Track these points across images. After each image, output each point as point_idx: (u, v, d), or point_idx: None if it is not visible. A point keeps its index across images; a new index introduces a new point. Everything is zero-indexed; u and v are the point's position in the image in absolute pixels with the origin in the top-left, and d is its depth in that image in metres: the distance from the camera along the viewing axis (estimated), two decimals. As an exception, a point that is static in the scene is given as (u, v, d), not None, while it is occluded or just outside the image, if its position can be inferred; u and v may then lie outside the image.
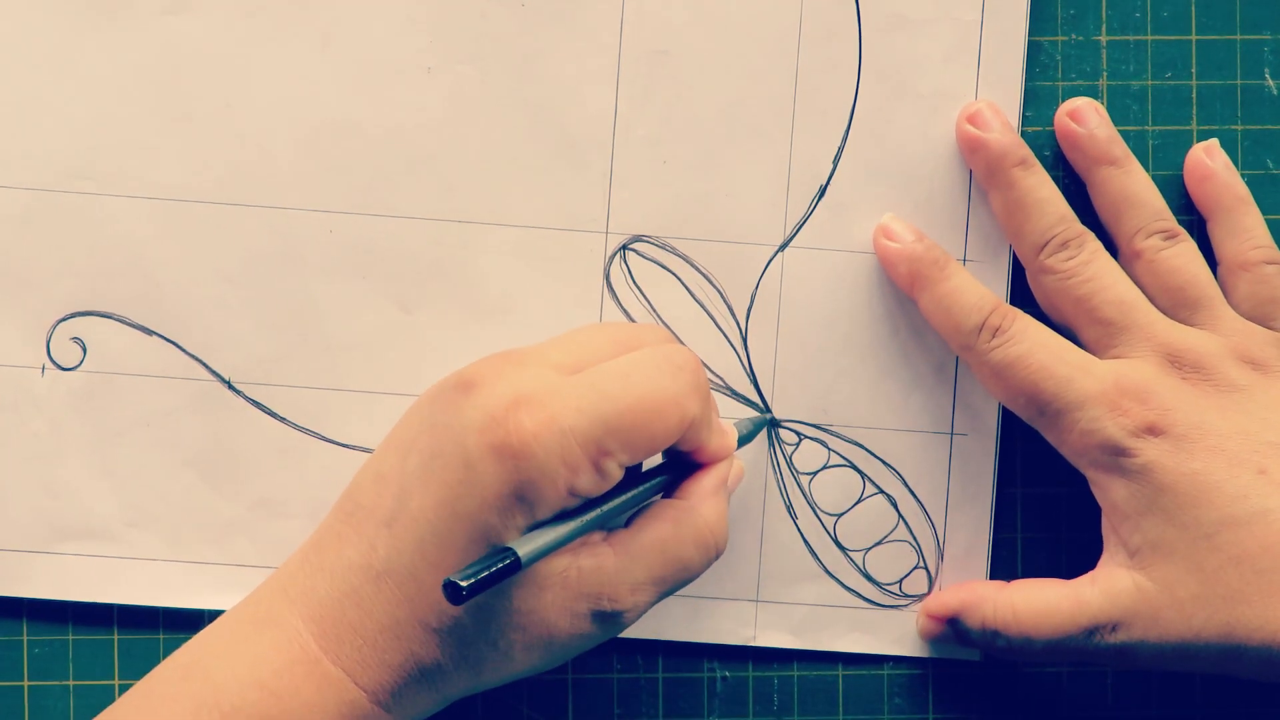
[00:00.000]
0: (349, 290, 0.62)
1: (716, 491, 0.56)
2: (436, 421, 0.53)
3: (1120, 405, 0.58)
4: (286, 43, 0.62)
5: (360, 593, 0.53)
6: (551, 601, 0.53)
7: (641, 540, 0.55)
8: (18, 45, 0.61)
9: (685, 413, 0.54)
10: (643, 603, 0.54)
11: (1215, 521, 0.57)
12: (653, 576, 0.54)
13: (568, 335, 0.56)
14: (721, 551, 0.56)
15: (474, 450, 0.52)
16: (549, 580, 0.53)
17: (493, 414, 0.52)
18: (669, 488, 0.57)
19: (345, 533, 0.54)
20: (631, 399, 0.53)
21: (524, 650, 0.54)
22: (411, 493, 0.53)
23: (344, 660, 0.53)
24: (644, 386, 0.53)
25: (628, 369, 0.54)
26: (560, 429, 0.51)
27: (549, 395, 0.52)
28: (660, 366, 0.54)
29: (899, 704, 0.63)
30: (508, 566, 0.50)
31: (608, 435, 0.52)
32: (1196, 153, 0.62)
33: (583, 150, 0.62)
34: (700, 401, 0.55)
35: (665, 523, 0.55)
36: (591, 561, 0.54)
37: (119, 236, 0.62)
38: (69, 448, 0.62)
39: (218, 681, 0.53)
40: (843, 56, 0.62)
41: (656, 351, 0.55)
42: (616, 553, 0.54)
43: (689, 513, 0.56)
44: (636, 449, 0.53)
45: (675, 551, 0.55)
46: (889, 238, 0.61)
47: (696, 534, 0.55)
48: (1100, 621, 0.58)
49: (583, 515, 0.53)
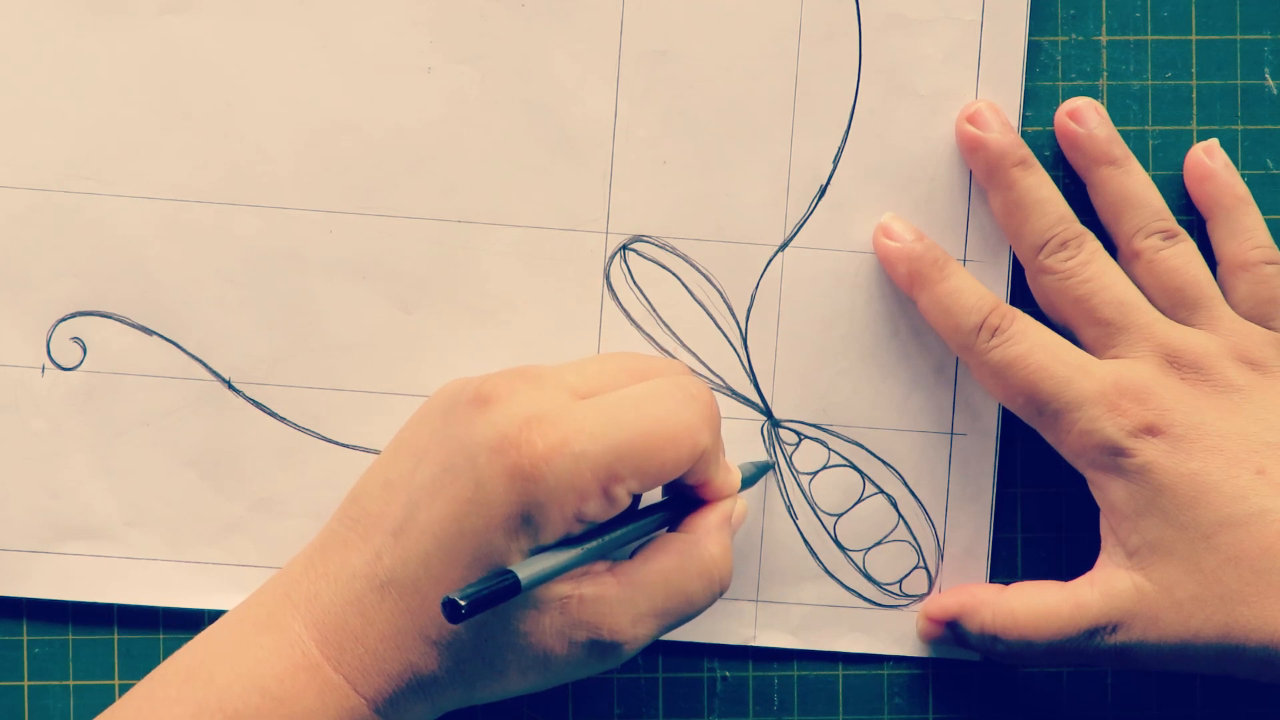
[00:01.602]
0: (349, 290, 0.62)
1: (721, 527, 0.56)
2: (449, 434, 0.53)
3: (1119, 405, 0.58)
4: (286, 43, 0.62)
5: (364, 601, 0.53)
6: (550, 626, 0.53)
7: (646, 572, 0.55)
8: (18, 45, 0.61)
9: (697, 443, 0.54)
10: (643, 635, 0.54)
11: (1213, 522, 0.57)
12: (655, 609, 0.54)
13: (584, 361, 0.56)
14: (726, 587, 0.56)
15: (485, 469, 0.52)
16: (549, 605, 0.53)
17: (506, 433, 0.52)
18: (672, 522, 0.57)
19: (351, 539, 0.54)
20: (644, 426, 0.53)
21: (519, 671, 0.54)
22: (420, 504, 0.53)
23: (345, 667, 0.53)
24: (657, 415, 0.53)
25: (642, 396, 0.54)
26: (572, 453, 0.51)
27: (562, 418, 0.52)
28: (674, 396, 0.54)
29: (899, 704, 0.63)
30: (507, 589, 0.50)
31: (619, 461, 0.52)
32: (1196, 153, 0.62)
33: (583, 150, 0.62)
34: (712, 434, 0.55)
35: (671, 555, 0.55)
36: (594, 590, 0.54)
37: (119, 236, 0.62)
38: (69, 447, 0.62)
39: (220, 685, 0.53)
40: (842, 56, 0.62)
41: (671, 381, 0.55)
42: (620, 583, 0.54)
43: (695, 546, 0.56)
44: (647, 476, 0.53)
45: (679, 585, 0.55)
46: (889, 237, 0.61)
47: (702, 568, 0.55)
48: (1100, 623, 0.58)
49: (586, 543, 0.53)
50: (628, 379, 0.55)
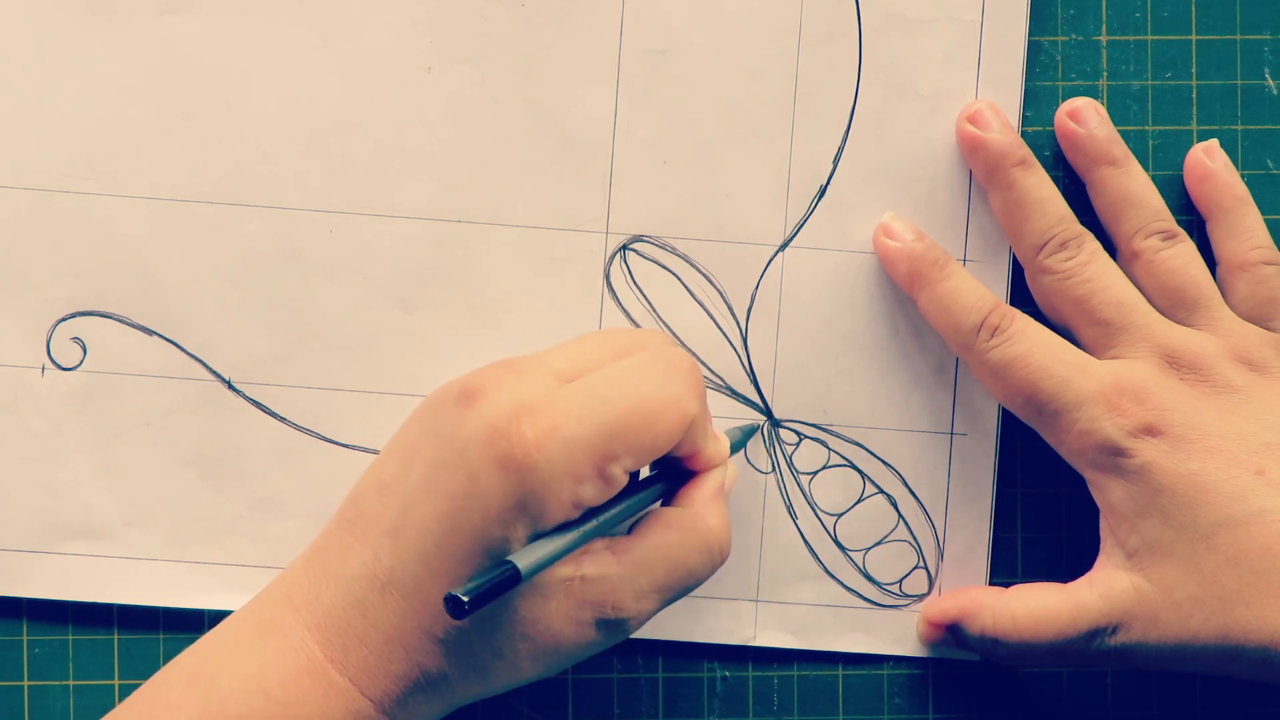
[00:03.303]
0: (349, 290, 0.62)
1: (716, 497, 0.56)
2: (439, 431, 0.53)
3: (1118, 405, 0.58)
4: (286, 43, 0.62)
5: (366, 603, 0.53)
6: (556, 610, 0.53)
7: (646, 547, 0.55)
8: (18, 45, 0.61)
9: (686, 413, 0.54)
10: (647, 610, 0.55)
11: (1213, 522, 0.57)
12: (657, 584, 0.55)
13: (567, 343, 0.56)
14: (726, 556, 0.56)
15: (476, 462, 0.52)
16: (553, 589, 0.53)
17: (494, 425, 0.52)
18: (665, 496, 0.57)
19: (349, 541, 0.54)
20: (631, 402, 0.53)
21: (530, 659, 0.54)
22: (415, 503, 0.53)
23: (350, 670, 0.53)
24: (643, 389, 0.53)
25: (625, 373, 0.54)
26: (563, 438, 0.52)
27: (549, 404, 0.52)
28: (657, 369, 0.54)
29: (899, 704, 0.63)
30: (508, 579, 0.50)
31: (611, 440, 0.52)
32: (1196, 153, 0.62)
33: (583, 150, 0.62)
34: (699, 402, 0.55)
35: (670, 530, 0.55)
36: (595, 570, 0.54)
37: (119, 236, 0.62)
38: (69, 447, 0.62)
39: (223, 689, 0.53)
40: (842, 56, 0.62)
41: (653, 355, 0.55)
42: (620, 561, 0.54)
43: (693, 519, 0.56)
44: (640, 452, 0.53)
45: (680, 558, 0.55)
46: (889, 236, 0.61)
47: (701, 540, 0.55)
48: (1100, 625, 0.58)
49: (583, 525, 0.53)
50: (612, 355, 0.55)
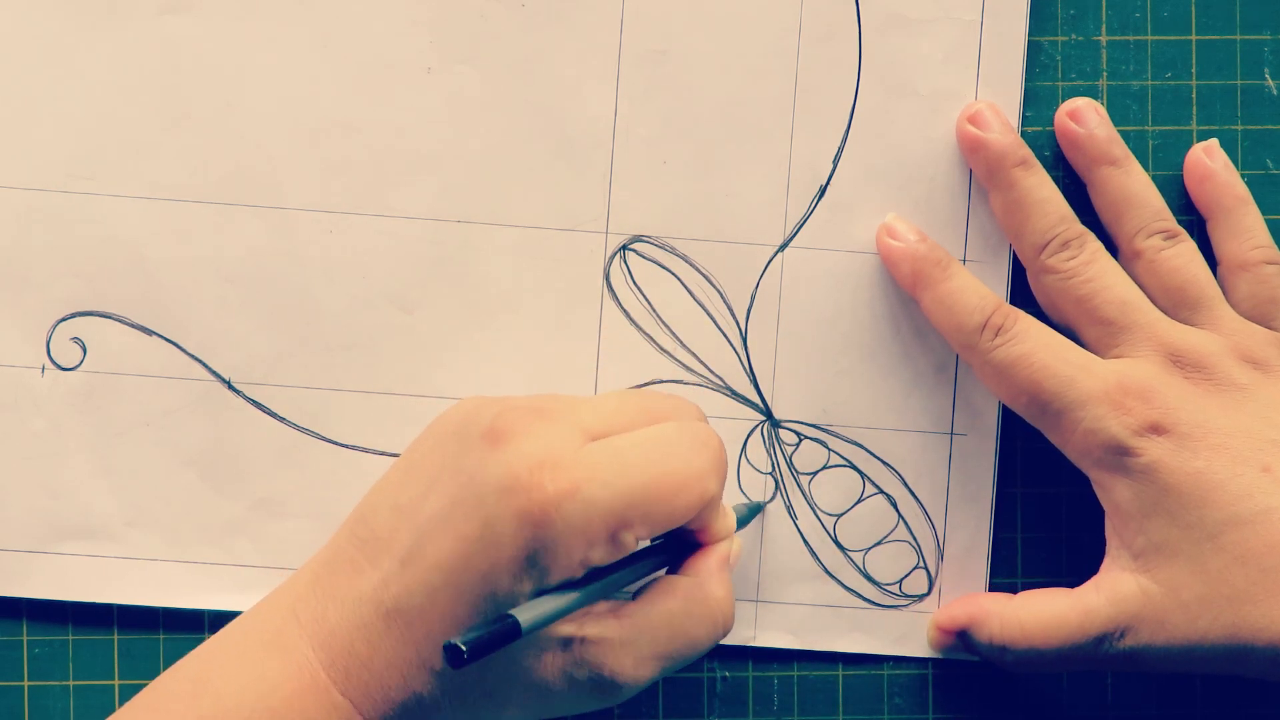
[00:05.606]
0: (349, 290, 0.62)
1: (722, 569, 0.57)
2: (460, 466, 0.53)
3: (1123, 404, 0.58)
4: (286, 43, 0.62)
5: (370, 628, 0.53)
6: (552, 666, 0.53)
7: (650, 614, 0.55)
8: (18, 45, 0.61)
9: (706, 492, 0.54)
10: (644, 676, 0.55)
11: (1219, 521, 0.57)
12: (658, 651, 0.55)
13: (600, 397, 0.56)
14: (729, 629, 0.56)
15: (494, 509, 0.52)
16: (553, 645, 0.53)
17: (517, 474, 0.52)
18: (670, 564, 0.57)
19: (359, 561, 0.54)
20: (655, 473, 0.53)
21: (518, 706, 0.54)
22: (429, 536, 0.53)
23: (351, 692, 0.54)
24: (669, 462, 0.53)
25: (654, 441, 0.54)
26: (583, 499, 0.51)
27: (574, 462, 0.52)
28: (685, 442, 0.54)
29: (899, 704, 0.63)
30: (508, 633, 0.50)
31: (629, 509, 0.52)
32: (1196, 153, 0.62)
33: (583, 150, 0.62)
34: (719, 482, 0.55)
35: (676, 599, 0.55)
36: (597, 631, 0.54)
37: (119, 236, 0.62)
38: (69, 448, 0.62)
39: (228, 703, 0.53)
40: (842, 56, 0.62)
41: (682, 427, 0.55)
42: (623, 625, 0.54)
43: (699, 589, 0.56)
44: (656, 524, 0.53)
45: (684, 628, 0.55)
46: (892, 236, 0.61)
47: (707, 611, 0.56)
48: (1108, 629, 0.58)
49: (588, 585, 0.53)
50: (642, 420, 0.55)
